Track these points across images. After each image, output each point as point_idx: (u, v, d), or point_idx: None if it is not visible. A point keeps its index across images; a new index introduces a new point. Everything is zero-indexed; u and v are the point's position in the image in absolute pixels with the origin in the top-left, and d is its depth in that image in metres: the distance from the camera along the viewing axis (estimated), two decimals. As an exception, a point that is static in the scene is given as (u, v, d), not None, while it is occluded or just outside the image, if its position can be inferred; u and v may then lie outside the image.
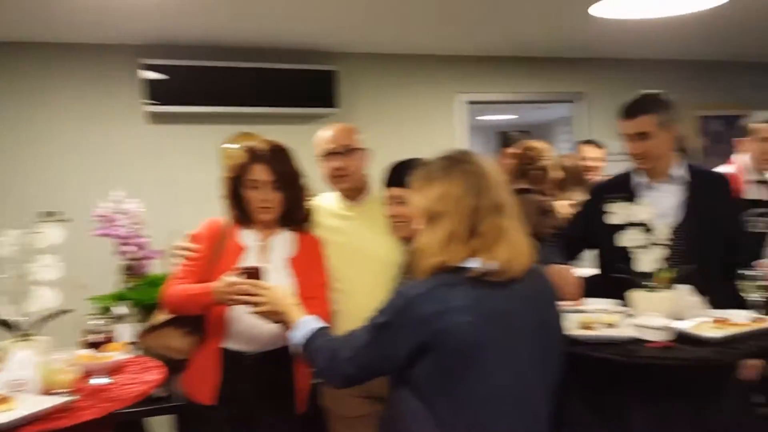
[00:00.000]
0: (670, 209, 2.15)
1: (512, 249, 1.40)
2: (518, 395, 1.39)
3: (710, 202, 2.16)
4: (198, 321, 1.97)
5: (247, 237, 2.05)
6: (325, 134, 2.29)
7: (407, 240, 1.93)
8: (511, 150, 3.69)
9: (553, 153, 3.44)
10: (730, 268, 2.04)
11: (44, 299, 1.61)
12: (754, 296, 1.96)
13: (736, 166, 3.06)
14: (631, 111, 2.18)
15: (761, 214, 2.84)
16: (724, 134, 5.80)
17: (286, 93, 4.13)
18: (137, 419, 2.31)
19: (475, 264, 1.37)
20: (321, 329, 1.56)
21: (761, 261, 2.10)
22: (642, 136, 2.15)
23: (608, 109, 5.30)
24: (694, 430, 1.86)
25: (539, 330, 1.44)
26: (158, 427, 2.50)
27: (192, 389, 2.00)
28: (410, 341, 1.35)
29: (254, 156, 2.01)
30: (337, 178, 2.25)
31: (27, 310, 1.63)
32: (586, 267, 2.54)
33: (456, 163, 1.45)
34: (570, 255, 2.35)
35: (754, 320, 1.85)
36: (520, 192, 3.06)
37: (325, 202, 2.33)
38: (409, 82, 4.72)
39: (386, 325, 1.38)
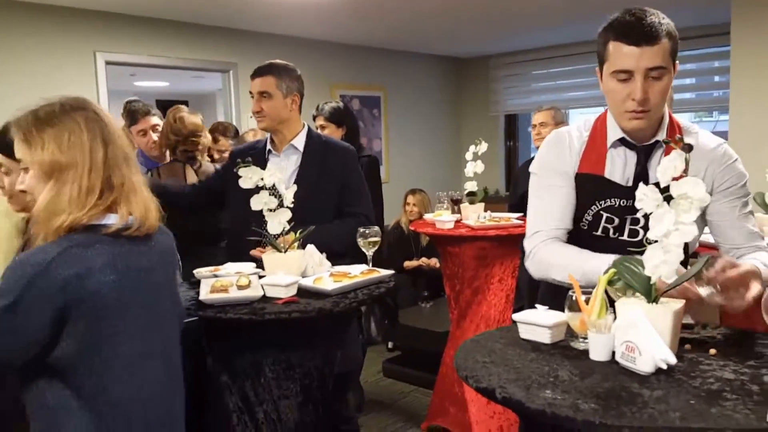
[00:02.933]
0: (291, 176, 2.45)
1: (146, 203, 1.36)
2: (165, 358, 1.38)
3: (322, 169, 2.46)
4: None
5: None
6: None
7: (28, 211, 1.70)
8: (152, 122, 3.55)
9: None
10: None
11: None
12: (366, 251, 2.25)
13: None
14: (260, 71, 2.48)
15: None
16: (362, 112, 6.47)
17: None
18: None
19: (112, 220, 1.29)
20: None
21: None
22: (264, 94, 2.44)
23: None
24: (321, 377, 2.05)
25: (170, 288, 1.44)
26: None
27: None
28: (48, 313, 1.19)
29: None
30: None
31: None
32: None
33: (76, 109, 1.31)
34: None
35: (365, 271, 2.12)
36: (183, 162, 3.00)
37: None
38: (43, 36, 4.19)
39: (15, 304, 1.17)
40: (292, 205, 2.07)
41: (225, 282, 1.95)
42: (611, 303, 1.31)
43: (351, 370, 2.62)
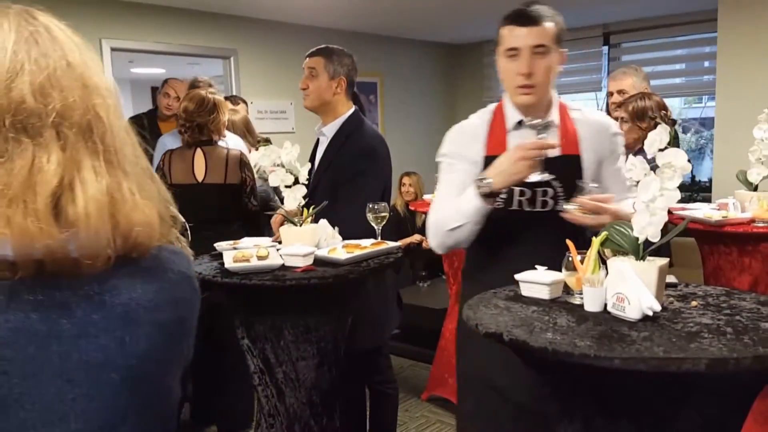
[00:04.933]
0: (320, 159, 2.61)
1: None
2: None
3: (333, 162, 2.57)
4: None
5: None
6: None
7: None
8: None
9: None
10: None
11: None
12: (375, 225, 2.41)
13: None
14: (313, 51, 2.60)
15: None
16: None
17: None
18: None
19: None
20: None
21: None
22: (312, 71, 2.56)
23: (260, 69, 5.62)
24: (335, 340, 2.21)
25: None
26: None
27: None
28: None
29: None
30: None
31: None
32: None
33: None
34: None
35: (375, 243, 2.27)
36: (205, 143, 3.06)
37: None
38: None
39: None
40: (306, 182, 2.22)
41: (246, 253, 2.10)
42: (603, 262, 1.48)
43: (383, 342, 2.78)
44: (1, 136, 0.68)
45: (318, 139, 2.71)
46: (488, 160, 1.78)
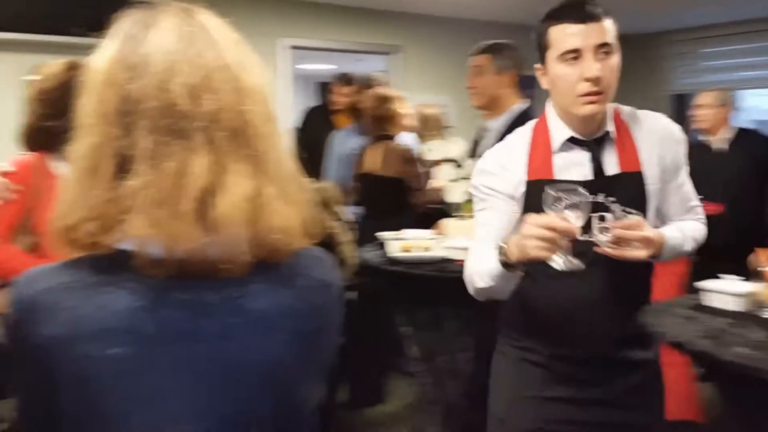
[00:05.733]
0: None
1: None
2: None
3: None
4: None
5: (66, 168, 1.94)
6: None
7: None
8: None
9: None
10: None
11: None
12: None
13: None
14: (476, 51, 2.57)
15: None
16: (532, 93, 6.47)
17: (100, 20, 3.89)
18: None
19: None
20: None
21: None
22: (476, 69, 2.52)
23: (423, 64, 5.70)
24: (493, 333, 2.22)
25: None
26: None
27: None
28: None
29: (79, 66, 1.90)
30: None
31: None
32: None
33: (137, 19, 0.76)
34: None
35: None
36: (381, 138, 3.17)
37: None
38: (229, 21, 4.66)
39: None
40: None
41: (409, 244, 2.17)
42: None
43: None
44: (153, 137, 0.69)
45: (479, 135, 2.70)
46: (531, 187, 1.45)
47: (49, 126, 1.87)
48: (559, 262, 1.24)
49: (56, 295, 0.69)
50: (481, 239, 1.51)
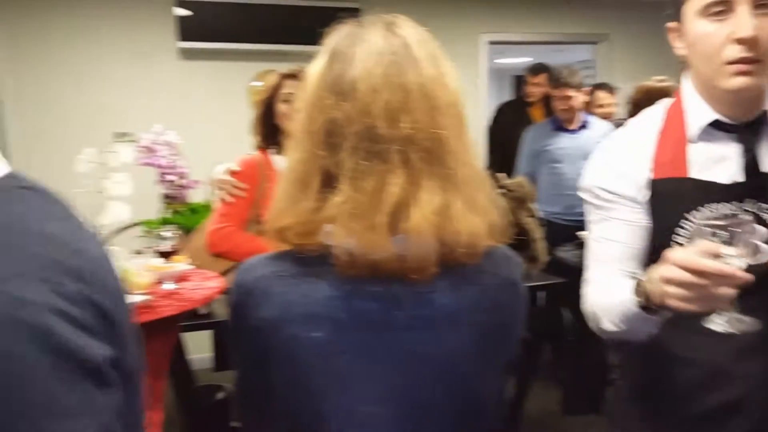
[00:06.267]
0: None
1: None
2: None
3: None
4: None
5: (284, 164, 2.09)
6: None
7: None
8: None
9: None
10: None
11: (117, 213, 1.79)
12: None
13: None
14: None
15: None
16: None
17: (312, 30, 4.21)
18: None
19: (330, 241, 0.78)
20: None
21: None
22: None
23: (632, 52, 5.37)
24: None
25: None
26: (197, 340, 2.73)
27: None
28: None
29: (287, 74, 2.09)
30: None
31: (102, 223, 1.80)
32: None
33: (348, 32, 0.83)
34: None
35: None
36: None
37: None
38: (432, 21, 4.76)
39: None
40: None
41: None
42: None
43: None
44: (355, 158, 0.75)
45: None
46: (656, 187, 1.12)
47: (268, 127, 2.09)
48: (718, 321, 0.90)
49: (269, 281, 0.78)
50: (601, 260, 1.16)
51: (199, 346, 2.92)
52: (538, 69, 4.36)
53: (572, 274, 2.17)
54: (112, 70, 3.95)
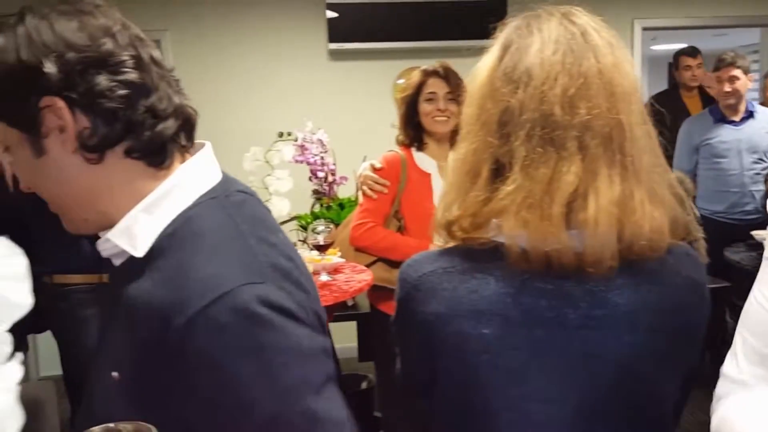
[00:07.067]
0: None
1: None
2: None
3: None
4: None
5: (427, 163, 2.15)
6: None
7: None
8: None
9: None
10: None
11: (279, 207, 1.90)
12: None
13: None
14: None
15: None
16: None
17: (457, 26, 4.22)
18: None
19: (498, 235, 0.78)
20: None
21: None
22: None
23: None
24: None
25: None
26: (343, 331, 2.84)
27: (378, 300, 2.16)
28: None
29: (429, 72, 2.12)
30: None
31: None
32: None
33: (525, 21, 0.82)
34: None
35: None
36: None
37: None
38: (584, 7, 4.59)
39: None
40: None
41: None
42: None
43: None
44: (530, 145, 0.73)
45: None
46: None
47: (412, 125, 2.13)
48: None
49: (437, 277, 0.79)
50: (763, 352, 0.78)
51: (344, 337, 3.04)
52: (695, 50, 4.04)
53: (740, 278, 2.02)
54: (273, 74, 4.23)
